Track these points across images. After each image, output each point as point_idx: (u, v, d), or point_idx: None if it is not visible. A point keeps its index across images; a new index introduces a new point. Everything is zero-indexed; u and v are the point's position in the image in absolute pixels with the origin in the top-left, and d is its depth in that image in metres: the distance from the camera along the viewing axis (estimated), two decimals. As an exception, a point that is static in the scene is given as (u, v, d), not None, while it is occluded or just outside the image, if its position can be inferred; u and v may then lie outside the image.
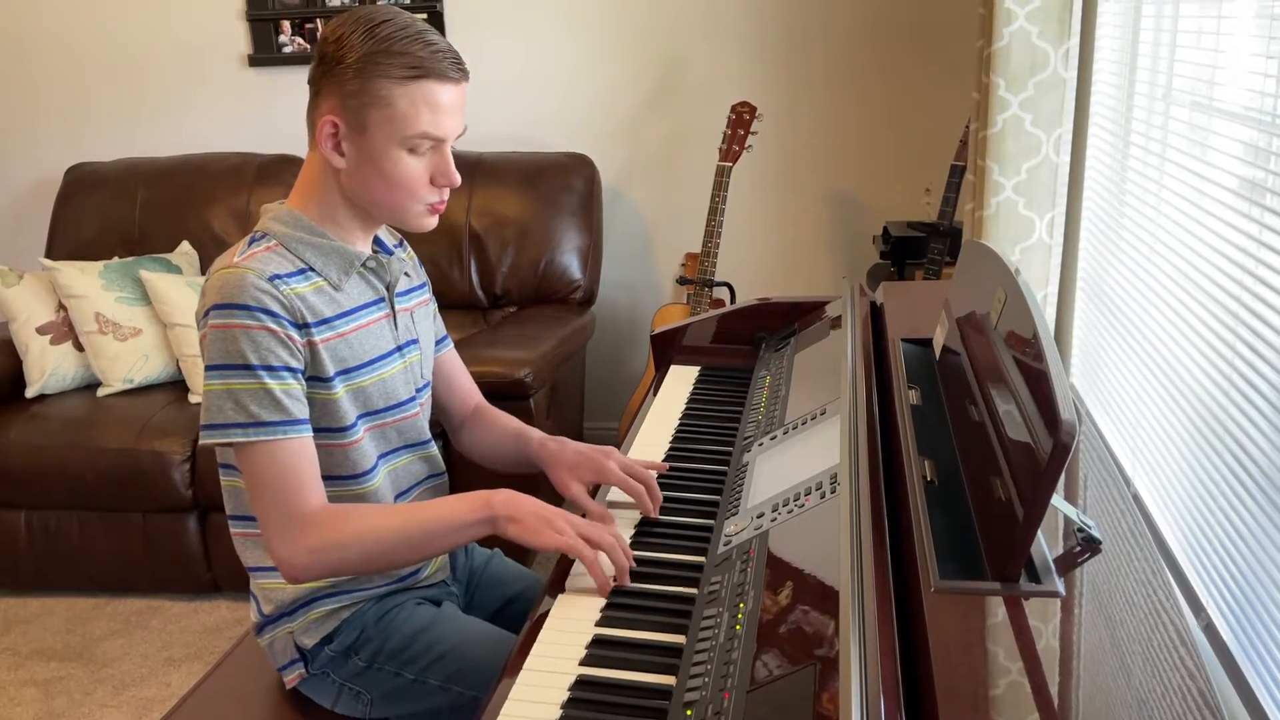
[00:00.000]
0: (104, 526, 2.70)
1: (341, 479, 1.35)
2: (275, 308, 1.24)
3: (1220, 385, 1.45)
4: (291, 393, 1.25)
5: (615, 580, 1.21)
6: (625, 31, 3.22)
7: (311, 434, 1.27)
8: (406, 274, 1.46)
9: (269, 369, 1.23)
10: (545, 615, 1.17)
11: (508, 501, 1.24)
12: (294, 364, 1.25)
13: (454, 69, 1.26)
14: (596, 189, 3.19)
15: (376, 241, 1.42)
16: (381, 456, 1.39)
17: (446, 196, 1.33)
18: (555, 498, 1.38)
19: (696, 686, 0.99)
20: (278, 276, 1.26)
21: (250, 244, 1.29)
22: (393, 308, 1.40)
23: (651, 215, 3.38)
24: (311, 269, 1.30)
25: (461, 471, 1.71)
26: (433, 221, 1.34)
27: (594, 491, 1.42)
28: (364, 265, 1.35)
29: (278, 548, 1.24)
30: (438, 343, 1.54)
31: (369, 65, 1.22)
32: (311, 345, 1.28)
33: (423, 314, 1.48)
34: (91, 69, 3.44)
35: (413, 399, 1.42)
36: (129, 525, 2.69)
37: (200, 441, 1.26)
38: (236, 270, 1.24)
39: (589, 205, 3.15)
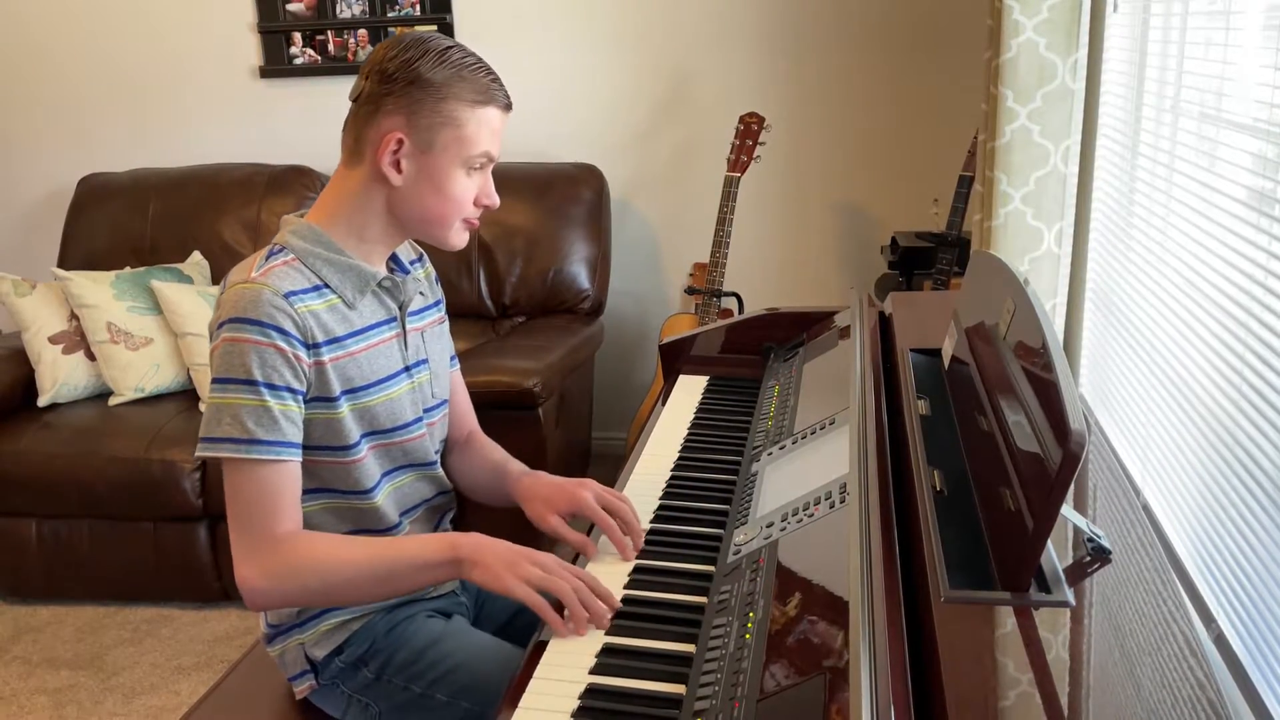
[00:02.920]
0: (114, 535, 2.71)
1: (345, 493, 1.36)
2: (288, 326, 1.24)
3: (1229, 395, 1.45)
4: (289, 414, 1.25)
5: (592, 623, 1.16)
6: (634, 43, 3.24)
7: (300, 459, 1.27)
8: (421, 293, 1.46)
9: (271, 387, 1.23)
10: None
11: (473, 545, 1.23)
12: (296, 386, 1.26)
13: (507, 99, 1.33)
14: (605, 199, 3.20)
15: (393, 259, 1.43)
16: (385, 475, 1.40)
17: (479, 215, 1.37)
18: (534, 534, 1.37)
19: (706, 696, 0.99)
20: (293, 293, 1.26)
21: (268, 258, 1.30)
22: (403, 327, 1.40)
23: (660, 225, 3.39)
24: (327, 286, 1.31)
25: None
26: (465, 238, 1.37)
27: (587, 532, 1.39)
28: (379, 285, 1.36)
29: (240, 567, 1.25)
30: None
31: (445, 88, 1.27)
32: (319, 365, 1.28)
33: (435, 333, 1.48)
34: (104, 80, 3.46)
35: (419, 420, 1.41)
36: (139, 534, 2.69)
37: (195, 452, 1.26)
38: (253, 286, 1.25)
39: (597, 216, 3.16)
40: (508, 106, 1.33)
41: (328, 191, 1.36)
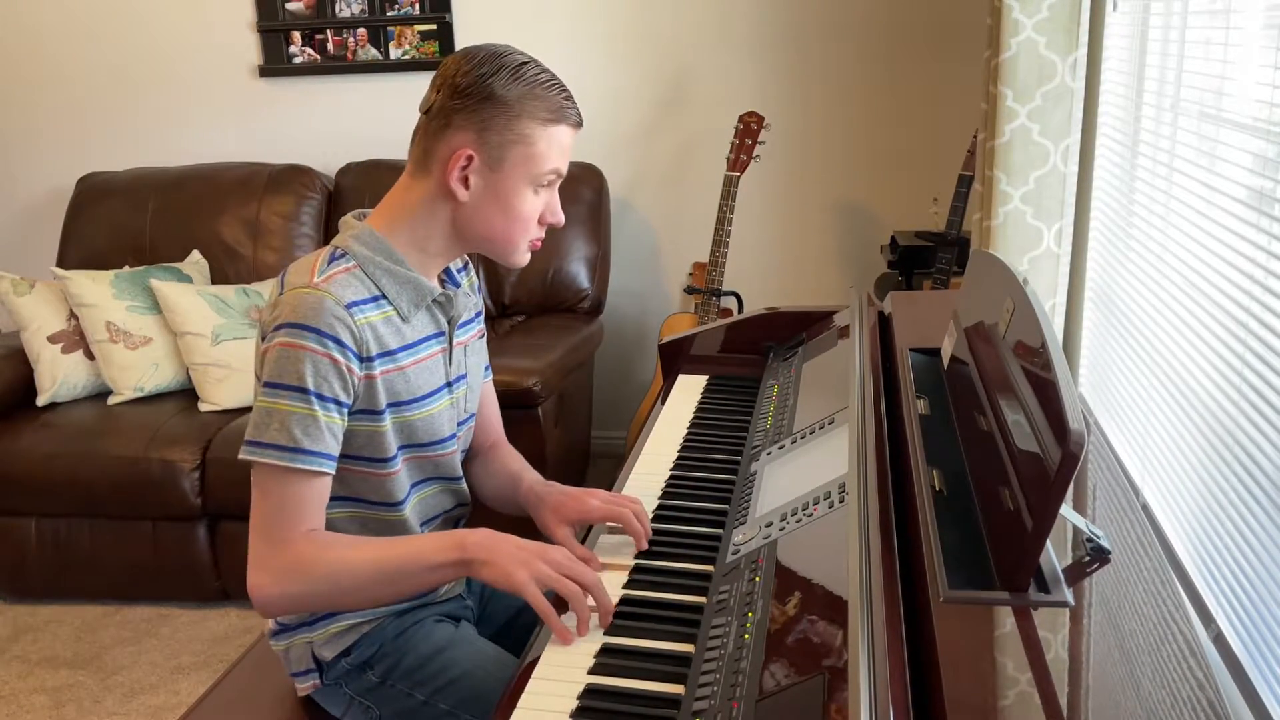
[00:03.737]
0: (114, 534, 2.71)
1: (375, 504, 1.36)
2: (345, 338, 1.23)
3: (1229, 394, 1.45)
4: (333, 427, 1.24)
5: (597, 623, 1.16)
6: (633, 42, 3.23)
7: (334, 472, 1.26)
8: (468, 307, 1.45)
9: (321, 398, 1.23)
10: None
11: (482, 543, 1.22)
12: (344, 399, 1.25)
13: (579, 117, 1.33)
14: (605, 198, 3.20)
15: (444, 270, 1.42)
16: (414, 486, 1.39)
17: (544, 234, 1.36)
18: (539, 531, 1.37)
19: (705, 696, 0.99)
20: (354, 304, 1.25)
21: (330, 262, 1.28)
22: (450, 342, 1.39)
23: (659, 225, 3.39)
24: (384, 297, 1.30)
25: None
26: (528, 257, 1.36)
27: (584, 538, 1.38)
28: (434, 300, 1.35)
29: (253, 572, 1.23)
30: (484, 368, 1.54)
31: (518, 105, 1.26)
32: (370, 379, 1.27)
33: (475, 347, 1.47)
34: (103, 79, 3.46)
35: (453, 436, 1.41)
36: (138, 533, 2.69)
37: (240, 455, 1.24)
38: (315, 292, 1.23)
39: (597, 215, 3.16)
40: (579, 124, 1.32)
41: (390, 199, 1.34)
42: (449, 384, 1.39)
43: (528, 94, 1.26)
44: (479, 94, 1.25)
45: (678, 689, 1.04)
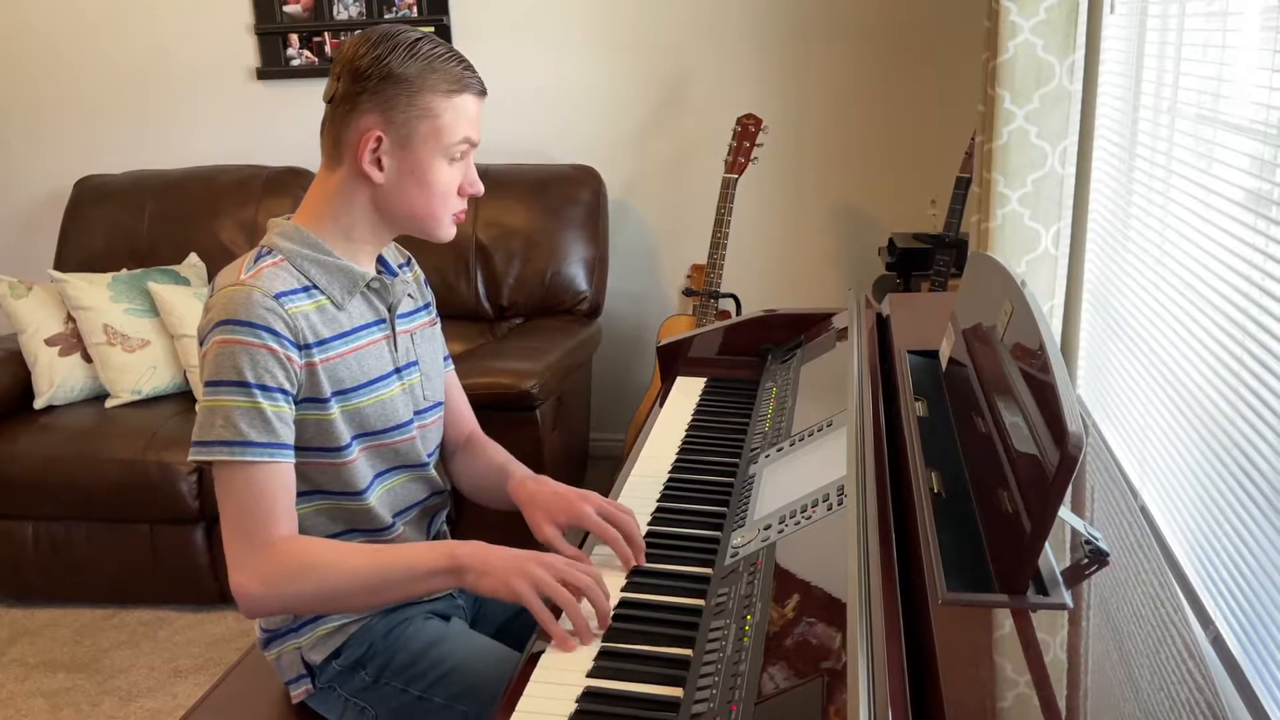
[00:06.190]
0: (111, 537, 2.70)
1: (336, 494, 1.35)
2: (279, 327, 1.24)
3: (1227, 396, 1.45)
4: (282, 415, 1.25)
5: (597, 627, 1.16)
6: (631, 44, 3.24)
7: (293, 461, 1.26)
8: (410, 295, 1.46)
9: (264, 389, 1.23)
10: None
11: (475, 553, 1.21)
12: (288, 387, 1.26)
13: (481, 85, 1.34)
14: (603, 201, 3.20)
15: (380, 262, 1.43)
16: (377, 476, 1.39)
17: (466, 205, 1.37)
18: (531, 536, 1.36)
19: (704, 699, 0.99)
20: (283, 294, 1.26)
21: (256, 260, 1.30)
22: (393, 329, 1.40)
23: (657, 227, 3.39)
24: (315, 287, 1.31)
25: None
26: (454, 230, 1.37)
27: (580, 542, 1.37)
28: (367, 286, 1.36)
29: (234, 574, 1.23)
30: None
31: (418, 81, 1.27)
32: (310, 366, 1.28)
33: (425, 335, 1.47)
34: (101, 82, 3.46)
35: (410, 422, 1.40)
36: (136, 536, 2.69)
37: (189, 456, 1.25)
38: (243, 287, 1.24)
39: (595, 217, 3.16)
40: (482, 93, 1.33)
41: (311, 193, 1.36)
42: (398, 370, 1.39)
43: (426, 69, 1.28)
44: (378, 74, 1.27)
45: (676, 692, 1.04)
